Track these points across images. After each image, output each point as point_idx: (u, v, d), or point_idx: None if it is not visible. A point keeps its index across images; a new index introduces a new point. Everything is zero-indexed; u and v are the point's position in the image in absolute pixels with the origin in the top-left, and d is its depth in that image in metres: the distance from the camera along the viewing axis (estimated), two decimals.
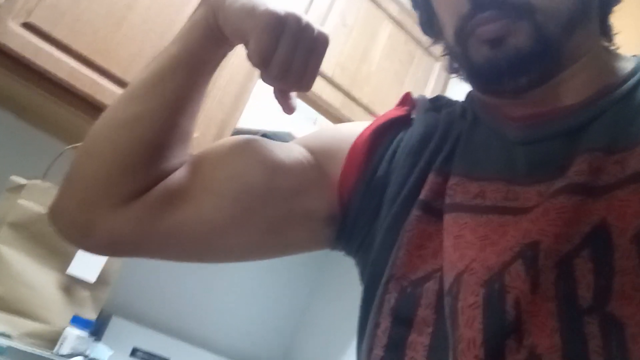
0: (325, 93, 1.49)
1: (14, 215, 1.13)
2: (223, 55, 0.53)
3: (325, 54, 0.48)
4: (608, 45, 0.49)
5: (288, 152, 0.53)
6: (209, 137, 1.29)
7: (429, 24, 0.54)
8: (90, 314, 1.21)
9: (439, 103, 0.56)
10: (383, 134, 0.53)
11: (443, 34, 0.51)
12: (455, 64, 0.52)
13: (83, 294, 1.20)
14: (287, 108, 0.51)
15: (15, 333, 1.09)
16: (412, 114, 0.55)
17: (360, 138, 0.53)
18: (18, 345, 1.05)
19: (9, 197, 1.16)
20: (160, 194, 0.49)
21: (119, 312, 1.46)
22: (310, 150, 0.54)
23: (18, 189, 1.15)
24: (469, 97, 0.54)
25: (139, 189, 0.49)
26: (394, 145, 0.52)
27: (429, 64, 1.73)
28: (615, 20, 0.50)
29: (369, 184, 0.51)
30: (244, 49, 0.48)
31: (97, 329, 1.32)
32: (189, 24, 0.51)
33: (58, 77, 1.11)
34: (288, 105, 0.51)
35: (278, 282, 1.84)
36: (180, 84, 0.50)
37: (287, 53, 0.45)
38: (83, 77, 1.14)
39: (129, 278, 1.47)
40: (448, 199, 0.46)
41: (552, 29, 0.43)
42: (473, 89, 0.52)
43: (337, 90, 1.52)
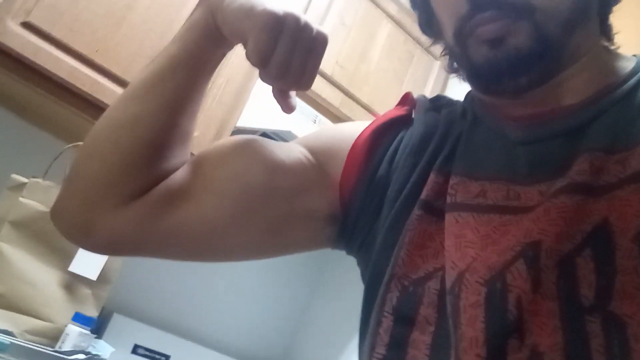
0: (325, 92, 1.49)
1: (15, 214, 1.13)
2: (222, 55, 0.53)
3: (325, 53, 0.48)
4: (608, 45, 0.49)
5: (288, 152, 0.53)
6: (209, 136, 1.29)
7: (428, 24, 0.54)
8: (92, 312, 1.21)
9: (439, 103, 0.56)
10: (383, 134, 0.53)
11: (442, 34, 0.51)
12: (455, 64, 0.52)
13: (84, 292, 1.20)
14: (286, 107, 0.51)
15: (18, 330, 1.09)
16: (412, 114, 0.55)
17: (361, 138, 0.53)
18: (21, 343, 1.06)
19: (10, 195, 1.16)
20: (161, 194, 0.49)
21: (121, 309, 1.46)
22: (311, 150, 0.54)
23: (19, 188, 1.15)
24: (469, 97, 0.54)
25: (140, 189, 0.49)
26: (395, 145, 0.52)
27: (429, 63, 1.73)
28: (615, 20, 0.50)
29: (370, 184, 0.51)
30: (243, 48, 0.48)
31: (98, 326, 1.33)
32: (188, 24, 0.51)
33: (58, 76, 1.11)
34: (287, 105, 0.51)
35: (278, 280, 1.84)
36: (180, 84, 0.50)
37: (286, 52, 0.45)
38: (83, 76, 1.14)
39: (131, 276, 1.47)
40: (449, 199, 0.46)
41: (552, 29, 0.43)
42: (473, 89, 0.52)
43: (336, 90, 1.52)
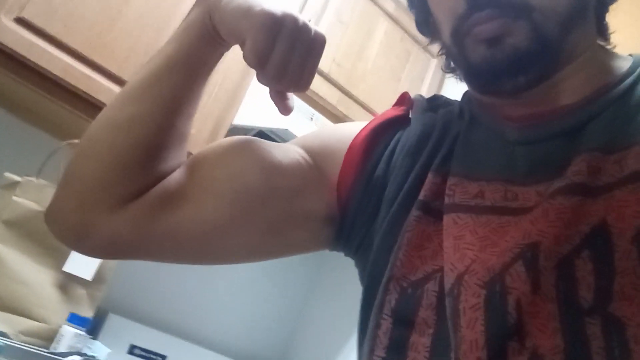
0: (322, 90, 1.48)
1: (9, 213, 1.12)
2: (219, 56, 0.52)
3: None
4: (604, 44, 0.49)
5: (286, 152, 0.53)
6: (205, 133, 1.28)
7: (425, 24, 0.53)
8: (87, 312, 1.20)
9: (437, 103, 0.56)
10: (381, 134, 0.53)
11: (439, 34, 0.50)
12: (452, 64, 0.52)
13: (79, 292, 1.20)
14: (283, 109, 0.50)
15: (12, 331, 1.08)
16: (409, 114, 0.55)
17: (358, 138, 0.53)
18: (15, 344, 1.05)
19: (3, 194, 1.15)
20: (158, 195, 0.49)
21: (116, 309, 1.46)
22: (308, 151, 0.54)
23: (12, 186, 1.15)
24: (466, 96, 0.54)
25: (137, 191, 0.48)
26: (392, 145, 0.52)
27: (426, 61, 1.73)
28: (612, 19, 0.50)
29: (367, 184, 0.51)
30: (241, 49, 0.47)
31: (94, 327, 1.32)
32: (185, 25, 0.51)
33: (52, 73, 1.10)
34: (285, 106, 0.50)
35: (276, 280, 1.84)
36: (177, 85, 0.49)
37: (283, 53, 0.45)
38: (77, 73, 1.13)
39: (126, 275, 1.47)
40: (447, 199, 0.46)
41: (550, 28, 0.43)
42: (470, 89, 0.52)
43: (333, 87, 1.52)
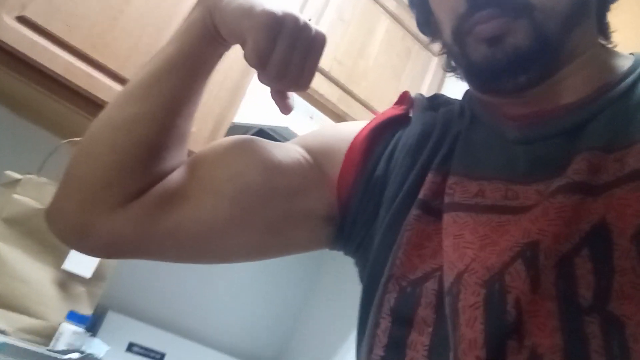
0: (323, 88, 1.48)
1: (9, 211, 1.12)
2: (220, 56, 0.52)
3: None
4: (605, 43, 0.49)
5: (286, 152, 0.53)
6: (206, 132, 1.28)
7: (427, 24, 0.53)
8: (86, 310, 1.21)
9: (437, 102, 0.56)
10: (381, 133, 0.53)
11: (440, 33, 0.50)
12: (453, 63, 0.52)
13: (79, 290, 1.20)
14: (284, 108, 0.51)
15: (11, 329, 1.08)
16: (410, 113, 0.55)
17: (358, 137, 0.53)
18: (14, 342, 1.05)
19: (4, 192, 1.15)
20: (159, 195, 0.49)
21: (115, 307, 1.46)
22: (309, 150, 0.54)
23: (13, 184, 1.15)
24: (467, 96, 0.54)
25: (137, 190, 0.48)
26: (392, 145, 0.52)
27: (426, 59, 1.73)
28: (613, 18, 0.50)
29: (368, 184, 0.51)
30: (242, 49, 0.47)
31: (93, 325, 1.32)
32: (186, 25, 0.51)
33: (53, 71, 1.10)
34: (285, 105, 0.50)
35: (275, 279, 1.84)
36: (177, 85, 0.49)
37: (284, 53, 0.45)
38: (79, 71, 1.13)
39: (125, 273, 1.47)
40: (447, 199, 0.46)
41: (551, 27, 0.43)
42: (471, 88, 0.52)
43: (334, 85, 1.51)
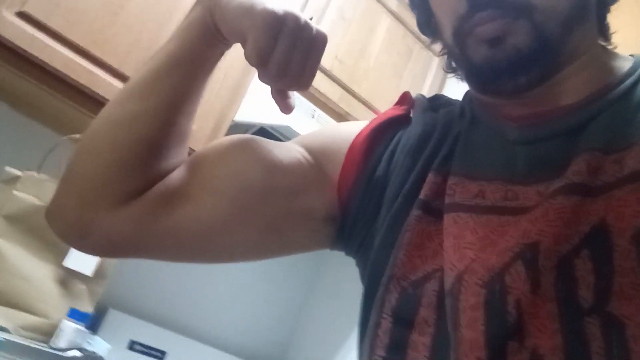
0: (324, 87, 1.48)
1: (9, 208, 1.13)
2: (220, 54, 0.52)
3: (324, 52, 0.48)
4: (605, 45, 0.49)
5: (287, 151, 0.53)
6: (207, 130, 1.28)
7: (427, 25, 0.53)
8: (87, 307, 1.21)
9: (438, 102, 0.56)
10: (382, 134, 0.53)
11: (441, 34, 0.50)
12: (454, 64, 0.52)
13: (80, 287, 1.20)
14: (284, 108, 0.50)
15: (12, 326, 1.09)
16: (410, 114, 0.55)
17: (359, 138, 0.53)
18: (15, 339, 1.05)
19: (4, 188, 1.15)
20: (159, 193, 0.49)
21: (116, 305, 1.46)
22: (309, 150, 0.54)
23: (13, 181, 1.15)
24: (467, 96, 0.54)
25: (138, 189, 0.49)
26: (393, 145, 0.52)
27: (428, 59, 1.73)
28: (613, 20, 0.50)
29: (368, 184, 0.51)
30: (242, 48, 0.47)
31: (94, 322, 1.33)
32: (186, 23, 0.51)
33: (53, 67, 1.10)
34: (286, 105, 0.50)
35: (276, 277, 1.84)
36: (178, 83, 0.49)
37: (285, 52, 0.45)
38: (79, 67, 1.13)
39: (126, 271, 1.47)
40: (447, 199, 0.46)
41: (551, 28, 0.43)
42: (471, 89, 0.52)
43: (335, 84, 1.51)
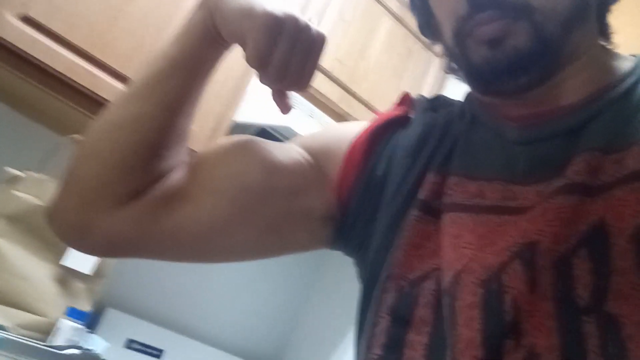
0: (324, 88, 1.49)
1: (9, 207, 1.13)
2: (221, 56, 0.53)
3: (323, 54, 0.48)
4: (606, 45, 0.49)
5: (287, 152, 0.53)
6: (207, 130, 1.28)
7: (427, 26, 0.53)
8: (85, 306, 1.21)
9: (438, 103, 0.56)
10: (381, 134, 0.53)
11: (441, 36, 0.50)
12: (454, 65, 0.52)
13: (78, 286, 1.20)
14: (284, 108, 0.51)
15: (10, 324, 1.09)
16: (410, 114, 0.55)
17: (359, 138, 0.53)
18: (13, 337, 1.05)
19: (4, 188, 1.15)
20: (159, 194, 0.49)
21: (114, 303, 1.46)
22: (309, 151, 0.54)
23: (13, 181, 1.15)
24: (468, 97, 0.54)
25: (138, 189, 0.49)
26: (392, 145, 0.53)
27: (428, 59, 1.73)
28: (613, 20, 0.50)
29: (368, 184, 0.51)
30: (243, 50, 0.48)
31: (92, 321, 1.33)
32: (186, 25, 0.51)
33: (55, 70, 1.10)
34: (285, 105, 0.51)
35: (274, 276, 1.84)
36: (179, 85, 0.50)
37: (285, 54, 0.45)
38: (80, 70, 1.13)
39: (125, 270, 1.47)
40: (447, 199, 0.46)
41: (551, 29, 0.43)
42: (471, 90, 0.52)
43: (335, 85, 1.52)
